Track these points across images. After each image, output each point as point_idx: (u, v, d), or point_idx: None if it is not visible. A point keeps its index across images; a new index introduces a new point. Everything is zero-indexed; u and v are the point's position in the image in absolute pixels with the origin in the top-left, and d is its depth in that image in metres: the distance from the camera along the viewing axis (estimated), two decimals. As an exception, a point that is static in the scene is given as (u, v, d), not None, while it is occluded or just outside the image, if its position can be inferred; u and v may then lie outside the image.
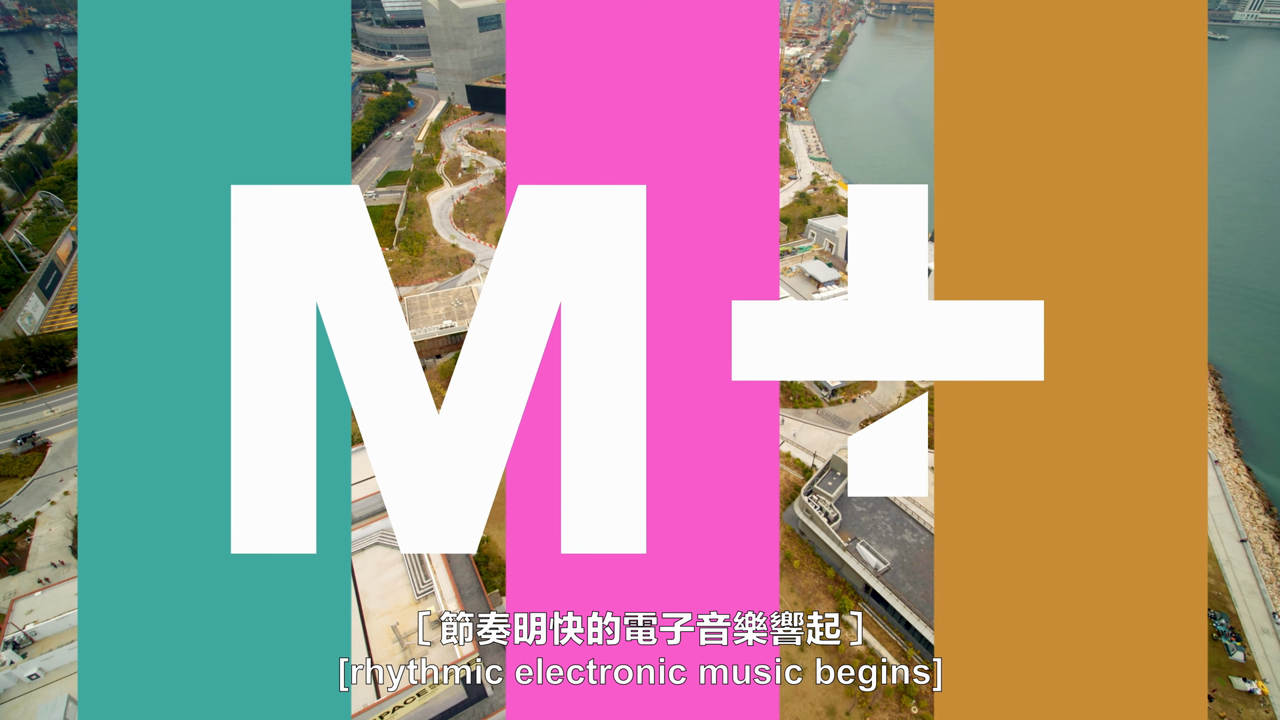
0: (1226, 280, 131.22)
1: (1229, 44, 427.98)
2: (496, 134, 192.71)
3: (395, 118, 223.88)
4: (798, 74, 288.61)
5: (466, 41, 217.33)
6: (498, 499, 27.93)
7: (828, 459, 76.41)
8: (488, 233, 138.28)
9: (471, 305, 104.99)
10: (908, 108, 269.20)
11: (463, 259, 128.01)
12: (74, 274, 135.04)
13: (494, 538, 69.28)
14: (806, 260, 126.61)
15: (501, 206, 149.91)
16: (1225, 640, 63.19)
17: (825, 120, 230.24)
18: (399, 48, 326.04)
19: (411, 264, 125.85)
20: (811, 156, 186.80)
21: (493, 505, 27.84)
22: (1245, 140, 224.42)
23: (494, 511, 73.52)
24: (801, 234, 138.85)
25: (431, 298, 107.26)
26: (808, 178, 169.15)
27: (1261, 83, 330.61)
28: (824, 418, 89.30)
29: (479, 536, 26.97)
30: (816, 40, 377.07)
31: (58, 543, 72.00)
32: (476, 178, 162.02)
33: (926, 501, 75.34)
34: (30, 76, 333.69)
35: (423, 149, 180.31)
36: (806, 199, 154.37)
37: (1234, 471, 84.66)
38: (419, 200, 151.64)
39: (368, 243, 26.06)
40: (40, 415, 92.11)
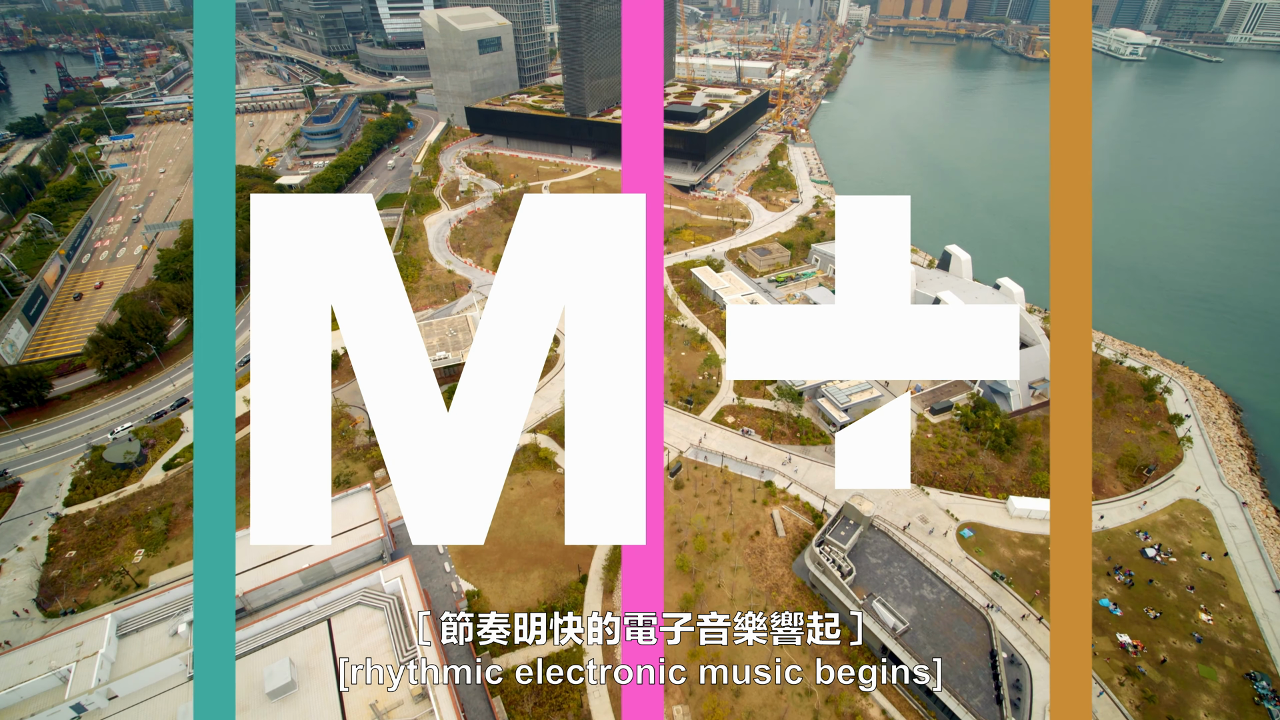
0: (1242, 308, 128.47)
1: (1224, 66, 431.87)
2: (495, 156, 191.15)
3: (394, 139, 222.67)
4: (798, 95, 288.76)
5: (466, 64, 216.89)
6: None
7: (839, 504, 72.54)
8: (485, 257, 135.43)
9: (466, 335, 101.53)
10: (909, 129, 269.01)
11: (459, 285, 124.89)
12: (60, 300, 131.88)
13: (485, 591, 65.13)
14: (810, 287, 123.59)
15: (499, 230, 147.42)
16: (1269, 705, 58.86)
17: (826, 142, 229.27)
18: (400, 69, 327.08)
19: (406, 290, 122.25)
20: (813, 179, 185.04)
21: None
22: (1255, 165, 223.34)
23: (482, 563, 67.61)
24: (805, 259, 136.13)
25: (425, 328, 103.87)
26: (810, 201, 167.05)
27: (1262, 105, 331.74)
28: (832, 455, 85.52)
29: (485, 530, 27.42)
30: (815, 62, 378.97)
31: (21, 594, 67.69)
32: (474, 200, 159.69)
33: (944, 549, 71.39)
34: (31, 95, 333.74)
35: (420, 171, 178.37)
36: (809, 223, 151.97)
37: (1263, 514, 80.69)
38: (415, 224, 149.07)
39: (380, 248, 27.87)
40: (14, 451, 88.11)
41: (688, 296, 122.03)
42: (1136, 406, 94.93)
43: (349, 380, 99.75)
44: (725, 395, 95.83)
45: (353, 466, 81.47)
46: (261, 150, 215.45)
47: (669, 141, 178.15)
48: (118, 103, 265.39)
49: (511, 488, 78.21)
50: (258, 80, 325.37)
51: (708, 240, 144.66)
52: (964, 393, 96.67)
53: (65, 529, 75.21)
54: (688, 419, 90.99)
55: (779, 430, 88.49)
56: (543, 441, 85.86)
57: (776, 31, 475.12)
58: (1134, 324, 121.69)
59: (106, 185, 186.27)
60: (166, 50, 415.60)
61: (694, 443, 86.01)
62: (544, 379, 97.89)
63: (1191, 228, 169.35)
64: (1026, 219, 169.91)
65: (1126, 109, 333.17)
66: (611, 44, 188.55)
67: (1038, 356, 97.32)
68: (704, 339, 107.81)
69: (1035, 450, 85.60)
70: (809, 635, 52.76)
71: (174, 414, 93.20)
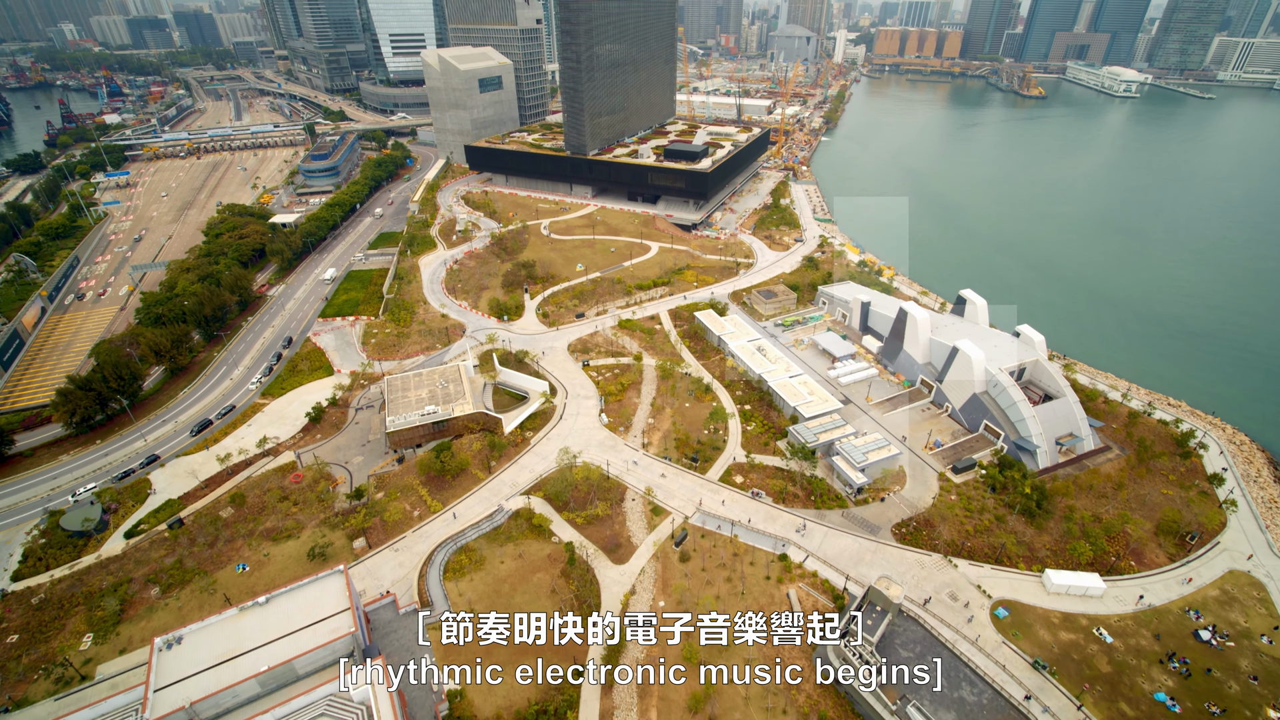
0: (1267, 353, 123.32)
1: (1215, 103, 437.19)
2: (495, 194, 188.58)
3: (393, 176, 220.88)
4: (798, 132, 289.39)
5: (467, 102, 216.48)
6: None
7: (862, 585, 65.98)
8: (480, 300, 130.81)
9: (457, 386, 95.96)
10: (910, 165, 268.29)
11: (452, 330, 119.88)
12: (38, 343, 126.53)
13: (469, 691, 58.08)
14: (819, 332, 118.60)
15: (496, 271, 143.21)
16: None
17: (828, 178, 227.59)
18: (401, 106, 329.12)
19: (397, 336, 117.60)
20: (817, 217, 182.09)
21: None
22: (1261, 204, 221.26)
23: (469, 652, 60.04)
24: (812, 301, 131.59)
25: (414, 378, 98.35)
26: (814, 240, 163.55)
27: (1260, 141, 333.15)
28: (850, 521, 79.08)
29: None
30: (814, 99, 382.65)
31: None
32: (471, 240, 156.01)
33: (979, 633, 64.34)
34: (33, 131, 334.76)
35: (418, 210, 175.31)
36: (815, 263, 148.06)
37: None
38: (410, 265, 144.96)
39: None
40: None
41: (691, 342, 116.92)
42: (1172, 464, 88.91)
43: (331, 434, 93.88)
44: (733, 451, 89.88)
45: (329, 536, 74.91)
46: (258, 188, 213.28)
47: (671, 180, 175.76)
48: (117, 139, 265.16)
49: (502, 561, 71.61)
50: (260, 117, 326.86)
51: (710, 281, 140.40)
52: (987, 449, 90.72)
53: (10, 608, 68.33)
54: (693, 479, 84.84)
55: (792, 492, 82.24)
56: (538, 506, 79.55)
57: (774, 69, 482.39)
58: (1157, 370, 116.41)
59: (98, 223, 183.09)
60: (172, 87, 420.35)
61: (699, 505, 79.76)
62: (539, 434, 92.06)
63: (1204, 268, 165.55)
64: (1039, 261, 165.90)
65: (1126, 145, 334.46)
66: (612, 83, 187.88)
67: (1064, 410, 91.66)
68: (709, 389, 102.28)
69: (1069, 515, 79.26)
70: (809, 635, 50.75)
71: (142, 472, 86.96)
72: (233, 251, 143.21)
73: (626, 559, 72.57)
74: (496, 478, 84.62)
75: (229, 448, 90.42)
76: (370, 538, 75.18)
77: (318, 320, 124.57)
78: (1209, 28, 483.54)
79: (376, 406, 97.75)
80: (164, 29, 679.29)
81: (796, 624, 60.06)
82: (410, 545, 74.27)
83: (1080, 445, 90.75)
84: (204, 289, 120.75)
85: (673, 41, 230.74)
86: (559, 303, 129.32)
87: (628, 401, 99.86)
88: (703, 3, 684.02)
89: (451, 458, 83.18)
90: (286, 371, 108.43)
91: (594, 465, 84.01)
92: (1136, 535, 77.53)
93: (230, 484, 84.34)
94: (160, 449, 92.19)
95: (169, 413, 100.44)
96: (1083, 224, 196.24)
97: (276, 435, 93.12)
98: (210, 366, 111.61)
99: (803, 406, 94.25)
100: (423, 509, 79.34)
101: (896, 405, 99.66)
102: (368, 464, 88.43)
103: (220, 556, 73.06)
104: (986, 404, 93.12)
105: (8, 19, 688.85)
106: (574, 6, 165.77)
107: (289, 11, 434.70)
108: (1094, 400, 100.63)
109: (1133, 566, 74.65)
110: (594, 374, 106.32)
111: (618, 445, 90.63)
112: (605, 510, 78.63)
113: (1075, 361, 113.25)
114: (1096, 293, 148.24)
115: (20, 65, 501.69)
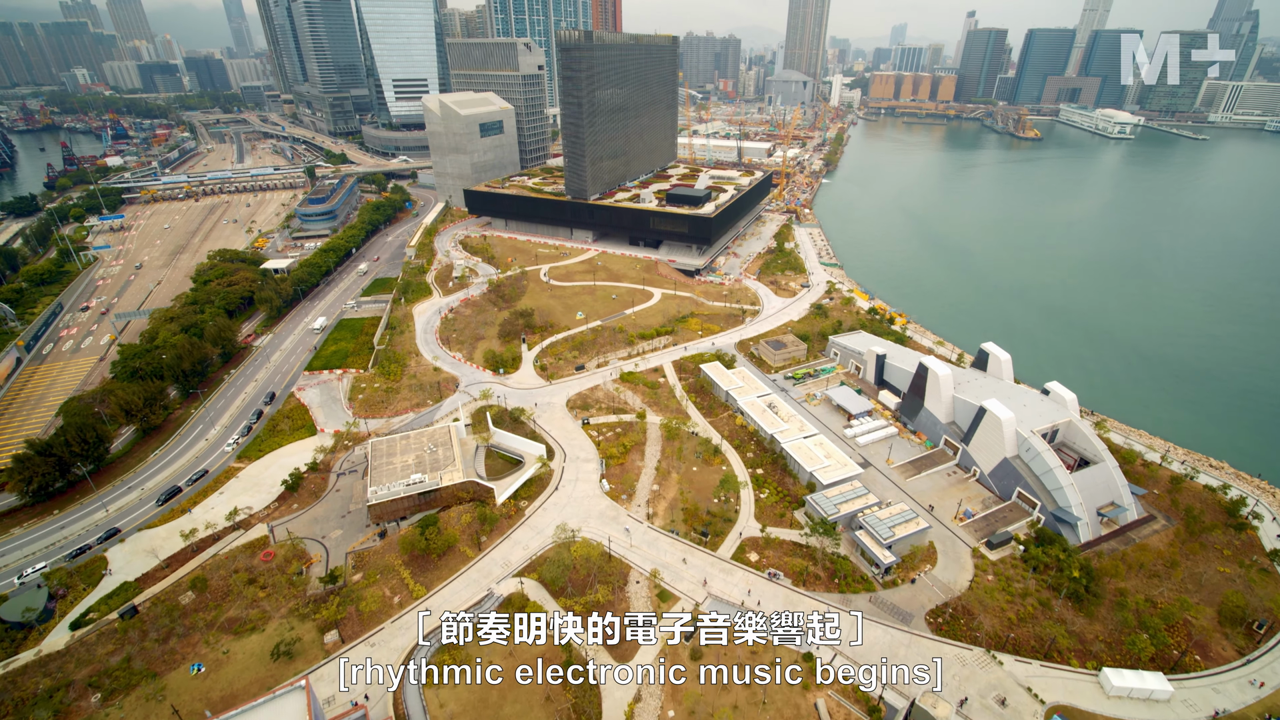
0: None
1: (1208, 144, 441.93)
2: (493, 238, 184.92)
3: (391, 219, 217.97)
4: (798, 175, 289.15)
5: (467, 146, 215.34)
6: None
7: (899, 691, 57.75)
8: (475, 351, 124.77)
9: (447, 451, 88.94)
10: (911, 207, 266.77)
11: (445, 384, 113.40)
12: (8, 397, 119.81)
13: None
14: (833, 386, 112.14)
15: (493, 320, 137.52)
16: None
17: (830, 221, 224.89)
18: (403, 149, 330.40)
19: (386, 391, 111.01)
20: (823, 261, 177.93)
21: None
22: (1269, 245, 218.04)
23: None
24: (823, 352, 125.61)
25: (401, 441, 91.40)
26: (821, 286, 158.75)
27: (1258, 183, 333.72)
28: (879, 607, 71.07)
29: None
30: (813, 141, 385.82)
31: None
32: (468, 287, 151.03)
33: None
34: (36, 173, 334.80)
35: (414, 255, 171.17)
36: (824, 311, 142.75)
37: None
38: (404, 313, 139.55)
39: None
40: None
41: (697, 396, 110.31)
42: (1226, 538, 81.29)
43: (309, 504, 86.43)
44: (746, 523, 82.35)
45: (298, 629, 66.69)
46: (253, 232, 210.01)
47: (674, 225, 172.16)
48: (115, 182, 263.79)
49: (491, 659, 63.40)
50: (263, 160, 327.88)
51: (716, 330, 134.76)
52: (1022, 519, 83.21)
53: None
54: (703, 556, 77.09)
55: (813, 573, 74.42)
56: (531, 590, 71.65)
57: (772, 112, 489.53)
58: (1192, 426, 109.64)
59: (86, 268, 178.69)
60: (177, 130, 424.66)
61: (711, 591, 71.91)
62: (535, 503, 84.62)
63: (1221, 314, 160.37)
64: (1054, 306, 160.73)
65: (1128, 186, 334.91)
66: (613, 128, 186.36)
67: (1103, 477, 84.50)
68: (718, 450, 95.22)
69: (1121, 600, 71.31)
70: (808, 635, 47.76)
71: (99, 549, 79.21)
72: (219, 299, 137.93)
73: (631, 655, 64.35)
74: (486, 555, 76.83)
75: (197, 520, 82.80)
76: (344, 630, 67.04)
77: (303, 374, 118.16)
78: (1197, 71, 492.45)
79: (360, 471, 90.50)
80: (175, 74, 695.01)
81: (797, 624, 52.18)
82: (388, 640, 66.13)
83: (1124, 516, 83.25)
84: (184, 341, 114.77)
85: (674, 86, 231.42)
86: (558, 354, 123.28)
87: (630, 465, 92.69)
88: (701, 48, 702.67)
89: (438, 535, 75.55)
90: (266, 431, 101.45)
91: (594, 542, 76.27)
92: (1199, 625, 69.50)
93: (194, 563, 76.49)
94: (122, 520, 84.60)
95: (136, 478, 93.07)
96: (1093, 267, 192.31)
97: (249, 505, 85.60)
98: (185, 425, 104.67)
99: (820, 472, 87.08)
100: (404, 594, 71.36)
101: (920, 469, 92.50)
102: (347, 538, 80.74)
103: (174, 655, 64.81)
104: (1019, 469, 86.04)
105: (23, 64, 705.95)
106: (576, 53, 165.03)
107: (295, 57, 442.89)
108: (1131, 463, 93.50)
109: (1199, 662, 66.45)
110: (594, 433, 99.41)
111: (620, 516, 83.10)
112: (606, 595, 70.64)
113: (1106, 418, 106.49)
114: (1119, 340, 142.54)
115: (29, 108, 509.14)
